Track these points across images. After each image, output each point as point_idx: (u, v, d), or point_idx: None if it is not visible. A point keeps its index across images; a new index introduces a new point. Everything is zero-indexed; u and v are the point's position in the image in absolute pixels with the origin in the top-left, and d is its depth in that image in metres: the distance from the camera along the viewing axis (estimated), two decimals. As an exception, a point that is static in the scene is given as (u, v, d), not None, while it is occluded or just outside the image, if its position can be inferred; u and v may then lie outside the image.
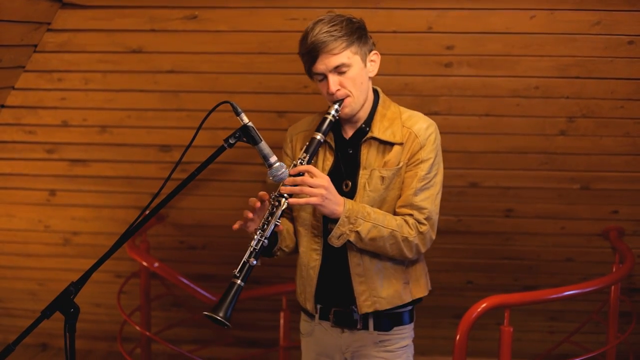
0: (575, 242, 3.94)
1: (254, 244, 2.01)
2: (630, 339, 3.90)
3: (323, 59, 2.07)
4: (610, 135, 3.54)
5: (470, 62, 3.41)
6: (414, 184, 2.15)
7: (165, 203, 1.88)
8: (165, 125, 3.70)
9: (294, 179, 2.03)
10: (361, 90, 2.14)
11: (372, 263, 2.20)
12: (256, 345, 4.47)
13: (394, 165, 2.16)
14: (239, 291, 1.98)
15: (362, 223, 2.08)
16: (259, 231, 2.03)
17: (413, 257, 2.19)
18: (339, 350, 2.30)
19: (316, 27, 2.06)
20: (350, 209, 2.07)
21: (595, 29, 3.28)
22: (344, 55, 2.07)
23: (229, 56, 3.48)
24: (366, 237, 2.09)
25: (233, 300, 1.96)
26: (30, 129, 3.75)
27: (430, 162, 2.16)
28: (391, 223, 2.12)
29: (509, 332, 2.94)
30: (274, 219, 2.03)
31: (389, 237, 2.11)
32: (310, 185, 2.02)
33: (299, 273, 2.34)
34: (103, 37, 3.46)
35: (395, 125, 2.18)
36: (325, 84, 2.12)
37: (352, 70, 2.10)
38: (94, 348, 4.63)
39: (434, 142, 2.18)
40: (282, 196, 2.04)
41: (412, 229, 2.13)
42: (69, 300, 1.75)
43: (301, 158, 2.09)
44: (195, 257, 4.26)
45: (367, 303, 2.21)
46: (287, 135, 2.36)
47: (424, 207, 2.15)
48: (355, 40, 2.09)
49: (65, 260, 4.27)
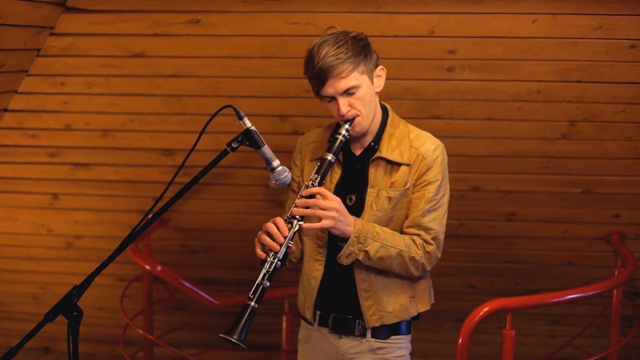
0: (576, 246, 3.94)
1: (268, 267, 2.01)
2: (632, 343, 3.89)
3: (332, 82, 2.05)
4: (611, 139, 3.55)
5: (471, 67, 3.42)
6: (422, 206, 2.16)
7: (168, 207, 1.88)
8: (168, 129, 3.71)
9: (306, 201, 2.04)
10: (370, 108, 2.15)
11: (377, 279, 2.21)
12: (258, 349, 4.47)
13: (400, 185, 2.17)
14: (253, 313, 2.01)
15: (371, 243, 2.09)
16: (272, 253, 2.03)
17: (418, 274, 2.22)
18: (335, 357, 2.30)
19: (322, 50, 2.03)
20: (360, 229, 2.08)
21: (597, 33, 3.29)
22: (352, 77, 2.06)
23: (231, 60, 3.49)
24: (374, 256, 2.11)
25: (247, 322, 2.00)
26: (33, 133, 3.76)
27: (437, 184, 2.17)
28: (399, 243, 2.13)
29: (511, 335, 2.94)
30: (287, 241, 2.03)
31: (397, 257, 2.13)
32: (323, 207, 2.02)
33: (301, 281, 2.35)
34: (106, 42, 3.48)
35: (403, 145, 2.19)
36: (334, 104, 2.12)
37: (360, 91, 2.09)
38: (97, 352, 4.63)
39: (442, 164, 2.19)
40: (295, 218, 2.04)
41: (419, 248, 2.15)
42: (72, 303, 1.75)
43: (312, 179, 2.09)
44: (197, 261, 4.26)
45: (374, 317, 2.22)
46: (297, 146, 2.38)
47: (431, 227, 2.17)
48: (362, 60, 2.08)
49: (67, 264, 4.27)
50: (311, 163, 2.28)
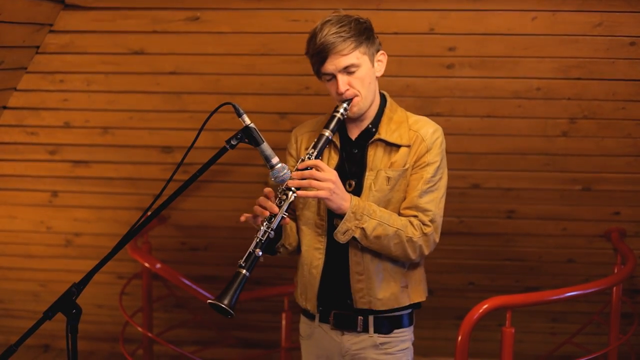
0: (576, 244, 3.94)
1: (260, 235, 2.01)
2: (632, 340, 3.90)
3: (332, 59, 2.07)
4: (611, 137, 3.54)
5: (471, 64, 3.42)
6: (420, 186, 2.16)
7: (167, 204, 1.88)
8: (167, 127, 3.71)
9: (302, 173, 2.03)
10: (369, 89, 2.16)
11: (372, 263, 2.20)
12: (258, 347, 4.47)
13: (400, 166, 2.17)
14: (244, 280, 1.97)
15: (368, 220, 2.09)
16: (266, 222, 2.02)
17: (416, 259, 2.20)
18: (339, 353, 2.30)
19: (325, 28, 2.07)
20: (356, 205, 2.08)
21: (597, 30, 3.28)
22: (353, 55, 2.08)
23: (230, 57, 3.49)
24: (371, 234, 2.09)
25: (238, 289, 1.94)
26: (33, 130, 3.76)
27: (436, 165, 2.17)
28: (396, 222, 2.13)
29: (511, 333, 2.94)
30: (281, 210, 2.02)
31: (394, 236, 2.11)
32: (318, 178, 2.02)
33: (301, 273, 2.33)
34: (105, 39, 3.47)
35: (402, 129, 2.20)
36: (333, 83, 2.13)
37: (360, 71, 2.10)
38: (96, 349, 4.63)
39: (440, 146, 2.20)
40: (290, 189, 2.04)
41: (416, 229, 2.14)
42: (71, 301, 1.76)
43: (309, 153, 2.09)
44: (197, 259, 4.27)
45: (362, 300, 2.22)
46: (292, 136, 2.36)
47: (429, 209, 2.16)
48: (364, 40, 2.10)
49: (67, 262, 4.27)
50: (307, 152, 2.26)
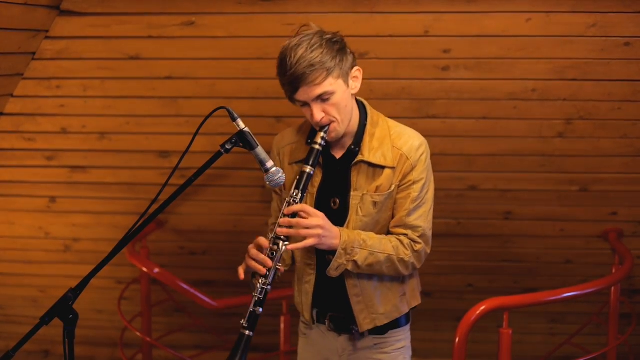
0: (574, 244, 3.94)
1: (258, 293, 2.00)
2: (631, 340, 3.89)
3: (305, 90, 1.99)
4: (608, 137, 3.55)
5: (467, 66, 3.42)
6: (407, 205, 2.14)
7: (162, 209, 1.88)
8: (164, 132, 3.71)
9: (289, 221, 2.02)
10: (346, 112, 2.09)
11: (369, 283, 2.21)
12: (257, 350, 4.47)
13: (385, 189, 2.14)
14: (249, 341, 2.00)
15: (359, 252, 2.08)
16: (262, 279, 2.01)
17: (408, 273, 2.22)
18: (336, 353, 2.32)
19: (294, 55, 1.95)
20: (346, 241, 2.06)
21: (592, 31, 3.29)
22: (326, 83, 1.98)
23: (226, 62, 3.50)
24: (363, 264, 2.10)
25: (245, 352, 2.00)
26: (30, 136, 3.77)
27: (422, 183, 2.15)
28: (387, 248, 2.12)
29: (508, 334, 2.94)
30: (275, 264, 2.01)
31: (386, 261, 2.12)
32: (306, 226, 2.00)
33: (297, 283, 2.36)
34: (101, 44, 3.48)
35: (385, 146, 2.14)
36: (308, 110, 2.06)
37: (335, 97, 2.02)
38: (96, 354, 4.63)
39: (425, 162, 2.16)
40: (280, 239, 2.03)
41: (407, 249, 2.15)
42: (67, 306, 1.75)
43: (293, 196, 2.05)
44: (195, 263, 4.27)
45: (366, 321, 2.22)
46: (274, 149, 2.31)
47: (418, 225, 2.16)
48: (337, 64, 2.00)
49: (66, 267, 4.27)
50: (290, 166, 2.24)
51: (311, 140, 2.12)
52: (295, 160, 2.23)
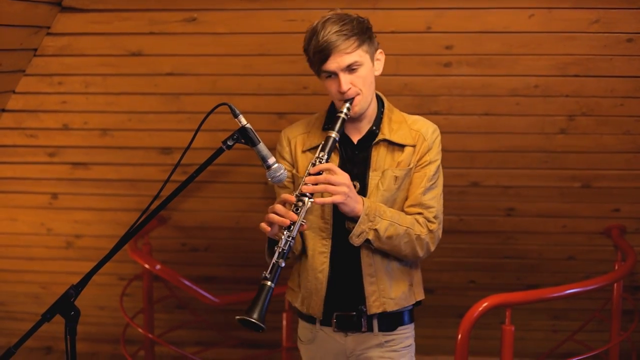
0: (577, 241, 3.94)
1: (282, 245, 1.98)
2: (633, 337, 3.89)
3: (335, 57, 2.06)
4: (610, 133, 3.54)
5: (469, 62, 3.41)
6: (423, 184, 2.19)
7: (164, 205, 1.88)
8: (166, 128, 3.71)
9: (316, 178, 2.02)
10: (370, 88, 2.17)
11: (382, 263, 2.21)
12: (259, 347, 4.47)
13: (406, 165, 2.19)
14: (270, 292, 1.94)
15: (380, 221, 2.09)
16: (286, 232, 1.99)
17: (423, 256, 2.22)
18: (343, 354, 2.29)
19: (327, 26, 2.05)
20: (369, 207, 2.08)
21: (594, 27, 3.28)
22: (356, 53, 2.07)
23: (228, 58, 3.49)
24: (384, 234, 2.10)
25: (266, 302, 1.92)
26: (32, 133, 3.76)
27: (437, 164, 2.22)
28: (406, 221, 2.14)
29: (511, 331, 2.94)
30: (300, 218, 2.00)
31: (404, 235, 2.13)
32: (333, 183, 2.01)
33: (304, 278, 2.29)
34: (103, 41, 3.47)
35: (403, 129, 2.22)
36: (334, 82, 2.11)
37: (363, 69, 2.10)
38: (98, 351, 4.63)
39: (439, 145, 2.25)
40: (305, 195, 2.02)
41: (423, 227, 2.17)
42: (69, 303, 1.76)
43: (319, 157, 2.06)
44: (197, 259, 4.27)
45: (376, 304, 2.22)
46: (283, 138, 2.31)
47: (432, 205, 2.19)
48: (367, 39, 2.11)
49: (68, 264, 4.27)
50: (304, 154, 2.25)
51: (328, 125, 2.15)
52: (310, 147, 2.24)
